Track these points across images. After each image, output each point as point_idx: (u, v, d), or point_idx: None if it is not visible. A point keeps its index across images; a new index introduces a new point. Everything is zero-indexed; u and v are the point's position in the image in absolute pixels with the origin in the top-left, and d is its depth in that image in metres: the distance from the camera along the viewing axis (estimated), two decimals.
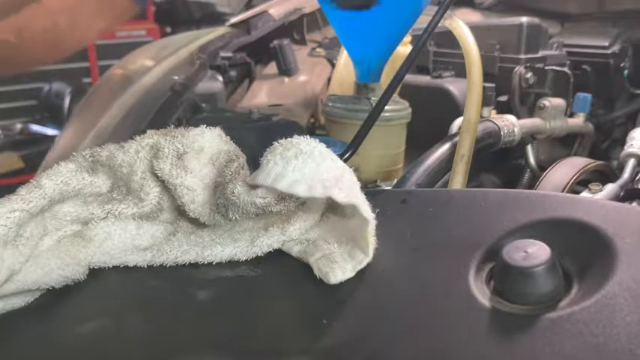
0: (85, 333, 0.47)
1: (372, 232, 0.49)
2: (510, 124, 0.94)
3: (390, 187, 0.87)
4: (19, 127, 3.00)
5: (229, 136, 0.60)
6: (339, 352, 0.41)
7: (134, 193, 0.56)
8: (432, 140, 0.87)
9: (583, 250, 0.44)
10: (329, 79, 1.33)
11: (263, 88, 1.40)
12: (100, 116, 1.22)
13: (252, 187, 0.53)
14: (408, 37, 1.05)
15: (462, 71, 0.93)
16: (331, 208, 0.55)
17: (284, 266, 0.52)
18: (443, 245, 0.50)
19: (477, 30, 0.92)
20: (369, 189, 0.73)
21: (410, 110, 1.00)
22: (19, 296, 0.49)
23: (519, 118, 0.99)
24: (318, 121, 1.27)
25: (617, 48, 1.18)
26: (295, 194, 0.49)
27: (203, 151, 0.56)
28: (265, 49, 1.45)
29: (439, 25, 0.82)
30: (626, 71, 1.21)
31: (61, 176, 0.52)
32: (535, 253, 0.41)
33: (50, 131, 2.87)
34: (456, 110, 1.06)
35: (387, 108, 0.85)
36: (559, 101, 1.06)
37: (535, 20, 1.13)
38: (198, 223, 0.56)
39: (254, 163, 0.54)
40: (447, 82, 1.14)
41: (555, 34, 1.31)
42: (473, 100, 0.82)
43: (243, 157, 0.58)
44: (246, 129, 1.04)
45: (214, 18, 3.43)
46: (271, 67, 1.47)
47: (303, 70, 1.42)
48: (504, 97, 1.09)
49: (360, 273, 0.48)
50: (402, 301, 0.45)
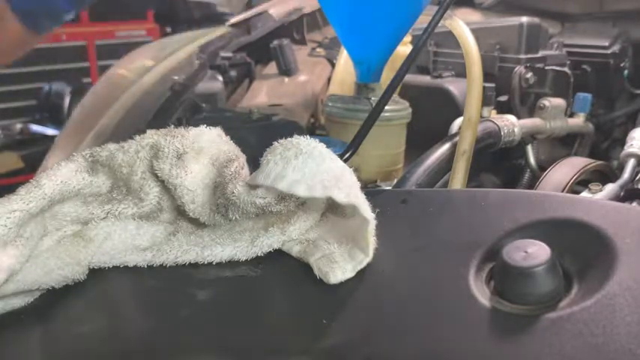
0: (85, 333, 0.47)
1: (372, 232, 0.49)
2: (510, 124, 0.94)
3: (390, 187, 0.87)
4: (19, 127, 3.00)
5: (229, 136, 0.60)
6: (339, 352, 0.41)
7: (134, 193, 0.56)
8: (432, 140, 0.87)
9: (583, 250, 0.44)
10: (329, 79, 1.33)
11: (263, 88, 1.40)
12: (100, 116, 1.22)
13: (252, 187, 0.53)
14: (408, 37, 1.05)
15: (462, 71, 0.93)
16: (331, 208, 0.55)
17: (284, 266, 0.52)
18: (443, 245, 0.50)
19: (477, 30, 0.92)
20: (369, 189, 0.73)
21: (410, 110, 1.00)
22: (19, 296, 0.49)
23: (519, 118, 0.99)
24: (318, 121, 1.27)
25: (617, 48, 1.18)
26: (295, 194, 0.49)
27: (203, 151, 0.56)
28: (265, 49, 1.45)
29: (439, 25, 0.82)
30: (626, 71, 1.21)
31: (61, 176, 0.52)
32: (535, 253, 0.41)
33: (50, 131, 2.87)
34: (456, 110, 1.05)
35: (387, 108, 0.85)
36: (559, 101, 1.06)
37: (535, 20, 1.13)
38: (198, 223, 0.56)
39: (254, 163, 0.54)
40: (447, 82, 1.14)
41: (555, 34, 1.31)
42: (473, 97, 0.82)
43: (243, 157, 0.58)
44: (246, 129, 1.04)
45: (214, 18, 3.43)
46: (271, 67, 1.47)
47: (303, 70, 1.42)
48: (504, 97, 1.09)
49: (360, 273, 0.48)
50: (402, 301, 0.45)
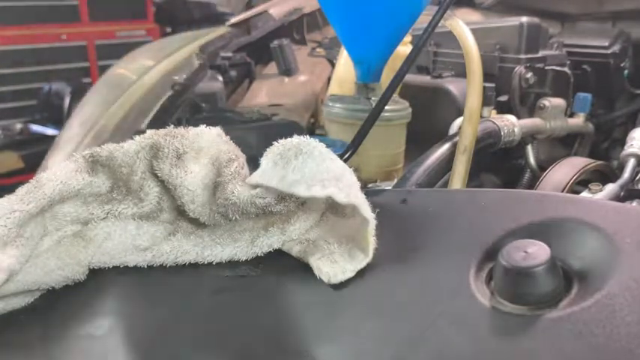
0: (85, 333, 0.47)
1: (372, 232, 0.49)
2: (510, 124, 0.94)
3: (390, 187, 0.87)
4: (19, 127, 3.00)
5: (229, 136, 0.60)
6: (339, 352, 0.41)
7: (134, 193, 0.56)
8: (432, 140, 0.87)
9: (583, 250, 0.44)
10: (329, 79, 1.33)
11: (263, 88, 1.40)
12: (100, 116, 1.22)
13: (252, 187, 0.53)
14: (408, 37, 1.05)
15: (462, 71, 0.93)
16: (331, 208, 0.55)
17: (284, 266, 0.52)
18: (443, 245, 0.50)
19: (477, 30, 0.92)
20: (369, 189, 0.73)
21: (410, 110, 1.00)
22: (19, 296, 0.49)
23: (519, 118, 0.99)
24: (318, 121, 1.27)
25: (617, 48, 1.18)
26: (295, 194, 0.49)
27: (203, 151, 0.56)
28: (265, 49, 1.45)
29: (439, 25, 0.82)
30: (626, 71, 1.21)
31: (61, 176, 0.52)
32: (535, 253, 0.41)
33: (50, 131, 2.87)
34: (456, 110, 1.06)
35: (387, 108, 0.85)
36: (559, 101, 1.06)
37: (535, 20, 1.13)
38: (198, 223, 0.56)
39: (254, 163, 0.54)
40: (447, 82, 1.14)
41: (555, 34, 1.31)
42: (473, 96, 0.82)
43: (243, 157, 0.58)
44: (246, 129, 1.04)
45: (214, 18, 3.44)
46: (271, 67, 1.48)
47: (303, 70, 1.42)
48: (504, 97, 1.09)
49: (360, 273, 0.48)
50: (402, 301, 0.45)
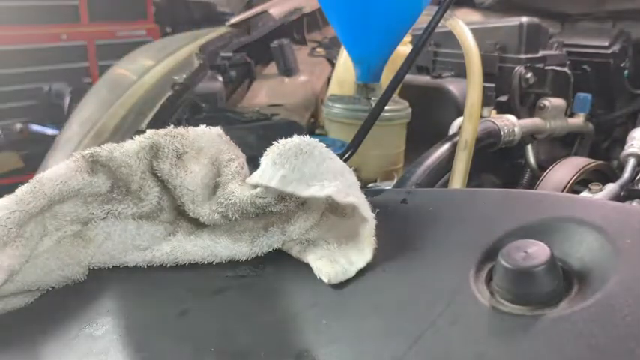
0: (85, 333, 0.47)
1: (372, 232, 0.49)
2: (510, 124, 0.94)
3: (390, 187, 0.87)
4: (19, 127, 2.99)
5: (229, 136, 0.60)
6: (339, 352, 0.41)
7: (134, 193, 0.56)
8: (432, 140, 0.87)
9: (583, 250, 0.44)
10: (329, 79, 1.33)
11: (263, 88, 1.40)
12: (100, 116, 1.22)
13: (252, 187, 0.53)
14: (408, 37, 1.05)
15: (462, 71, 0.93)
16: (331, 208, 0.55)
17: (284, 266, 0.52)
18: (443, 245, 0.50)
19: (477, 30, 0.92)
20: (369, 189, 0.73)
21: (410, 110, 1.00)
22: (19, 296, 0.49)
23: (519, 118, 0.99)
24: (318, 121, 1.27)
25: (617, 48, 1.18)
26: (295, 194, 0.49)
27: (203, 151, 0.56)
28: (265, 49, 1.45)
29: (439, 25, 0.82)
30: (626, 71, 1.21)
31: (61, 176, 0.52)
32: (535, 253, 0.41)
33: (50, 131, 2.87)
34: (456, 110, 1.06)
35: (387, 108, 0.85)
36: (559, 101, 1.06)
37: (535, 20, 1.13)
38: (198, 223, 0.56)
39: (254, 163, 0.54)
40: (447, 82, 1.14)
41: (555, 34, 1.31)
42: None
43: (243, 157, 0.58)
44: (246, 129, 1.04)
45: (214, 18, 3.43)
46: (271, 67, 1.48)
47: (303, 70, 1.42)
48: (504, 97, 1.09)
49: (360, 273, 0.48)
50: (402, 301, 0.45)
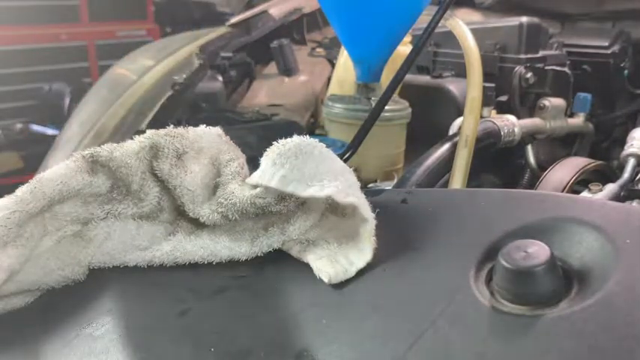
0: (85, 333, 0.47)
1: (372, 232, 0.49)
2: (510, 124, 0.94)
3: (390, 187, 0.87)
4: (19, 127, 2.99)
5: (229, 136, 0.60)
6: (339, 352, 0.41)
7: (134, 193, 0.56)
8: (432, 140, 0.87)
9: (583, 250, 0.44)
10: (329, 79, 1.33)
11: (263, 88, 1.40)
12: (100, 116, 1.22)
13: (252, 187, 0.53)
14: (408, 37, 1.05)
15: (462, 71, 0.93)
16: (331, 208, 0.55)
17: (284, 266, 0.52)
18: (443, 245, 0.50)
19: (477, 30, 0.92)
20: (369, 189, 0.73)
21: (410, 110, 1.00)
22: (19, 296, 0.49)
23: (519, 118, 0.99)
24: (318, 121, 1.27)
25: (617, 48, 1.18)
26: (295, 194, 0.49)
27: (203, 151, 0.56)
28: (265, 49, 1.45)
29: (439, 25, 0.82)
30: (626, 71, 1.21)
31: (61, 176, 0.52)
32: (535, 253, 0.41)
33: (50, 131, 2.87)
34: (456, 110, 1.06)
35: (387, 108, 0.85)
36: (559, 101, 1.06)
37: (535, 20, 1.13)
38: (198, 223, 0.56)
39: (254, 163, 0.54)
40: (447, 82, 1.14)
41: (555, 34, 1.31)
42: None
43: (243, 157, 0.58)
44: (246, 129, 1.04)
45: (214, 18, 3.43)
46: (271, 67, 1.48)
47: (303, 70, 1.42)
48: (504, 97, 1.09)
49: (360, 273, 0.48)
50: (402, 301, 0.45)
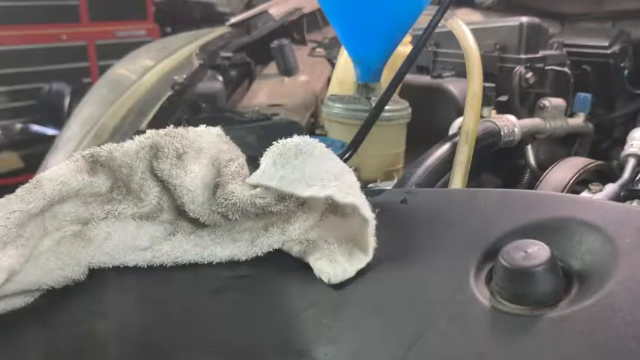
0: (85, 333, 0.47)
1: (372, 232, 0.49)
2: (510, 124, 0.94)
3: (390, 187, 0.87)
4: (19, 127, 3.00)
5: (229, 136, 0.60)
6: (339, 352, 0.41)
7: (134, 193, 0.56)
8: (432, 140, 0.87)
9: (583, 250, 0.44)
10: (329, 79, 1.33)
11: (263, 88, 1.40)
12: (100, 116, 1.22)
13: (252, 187, 0.53)
14: (408, 37, 1.05)
15: (462, 71, 0.93)
16: (331, 208, 0.55)
17: (284, 266, 0.52)
18: (443, 245, 0.50)
19: (477, 30, 0.92)
20: (369, 189, 0.73)
21: (410, 110, 1.00)
22: (19, 296, 0.49)
23: (519, 118, 0.99)
24: (318, 121, 1.27)
25: (617, 48, 1.18)
26: (295, 194, 0.49)
27: (203, 151, 0.56)
28: (265, 49, 1.45)
29: (439, 25, 0.82)
30: (626, 71, 1.21)
31: (61, 176, 0.52)
32: (535, 253, 0.41)
33: (50, 131, 2.87)
34: (456, 110, 1.06)
35: (387, 108, 0.85)
36: (559, 101, 1.06)
37: (535, 20, 1.13)
38: (198, 223, 0.56)
39: (254, 163, 0.54)
40: (447, 82, 1.14)
41: (555, 34, 1.31)
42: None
43: (243, 157, 0.58)
44: (246, 129, 1.04)
45: (214, 18, 3.43)
46: (271, 67, 1.48)
47: (303, 70, 1.42)
48: (504, 97, 1.09)
49: (360, 273, 0.48)
50: (402, 301, 0.45)
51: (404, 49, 1.02)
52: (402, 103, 1.00)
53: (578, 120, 1.10)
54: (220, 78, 1.32)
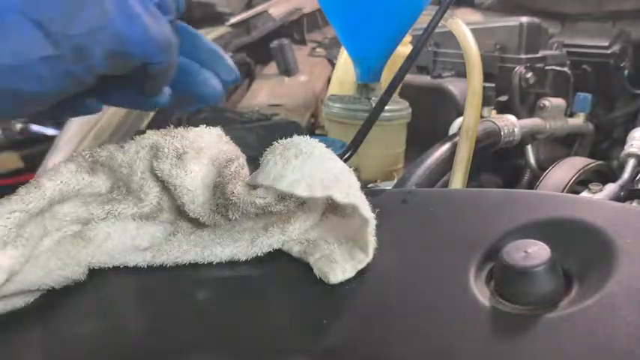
0: (85, 333, 0.47)
1: (372, 232, 0.48)
2: (510, 124, 0.94)
3: (390, 187, 0.87)
4: (19, 127, 2.99)
5: (229, 136, 0.60)
6: (339, 352, 0.41)
7: (134, 193, 0.56)
8: (432, 140, 0.87)
9: (583, 250, 0.44)
10: (329, 79, 1.33)
11: (263, 88, 1.40)
12: (100, 116, 1.22)
13: (252, 187, 0.53)
14: (408, 37, 1.05)
15: (462, 71, 0.93)
16: (331, 208, 0.55)
17: (284, 266, 0.52)
18: (443, 245, 0.50)
19: (477, 30, 0.92)
20: (369, 189, 0.73)
21: (410, 110, 1.00)
22: (19, 296, 0.49)
23: (519, 118, 0.99)
24: (318, 121, 1.27)
25: (617, 48, 1.19)
26: (295, 194, 0.49)
27: (203, 151, 0.56)
28: (265, 49, 1.45)
29: (439, 25, 0.82)
30: (626, 71, 1.21)
31: (61, 176, 0.52)
32: (535, 253, 0.41)
33: (50, 131, 2.86)
34: (456, 110, 1.06)
35: (387, 108, 0.85)
36: (559, 101, 1.06)
37: (535, 20, 1.13)
38: (198, 223, 0.56)
39: (254, 163, 0.54)
40: (447, 82, 1.14)
41: (555, 34, 1.31)
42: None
43: (243, 157, 0.58)
44: (246, 129, 1.04)
45: (214, 18, 3.43)
46: (271, 67, 1.48)
47: (303, 70, 1.42)
48: (504, 97, 1.09)
49: (360, 273, 0.48)
50: (402, 301, 0.45)
51: (404, 49, 1.03)
52: (402, 103, 1.00)
53: (578, 120, 1.10)
54: None
